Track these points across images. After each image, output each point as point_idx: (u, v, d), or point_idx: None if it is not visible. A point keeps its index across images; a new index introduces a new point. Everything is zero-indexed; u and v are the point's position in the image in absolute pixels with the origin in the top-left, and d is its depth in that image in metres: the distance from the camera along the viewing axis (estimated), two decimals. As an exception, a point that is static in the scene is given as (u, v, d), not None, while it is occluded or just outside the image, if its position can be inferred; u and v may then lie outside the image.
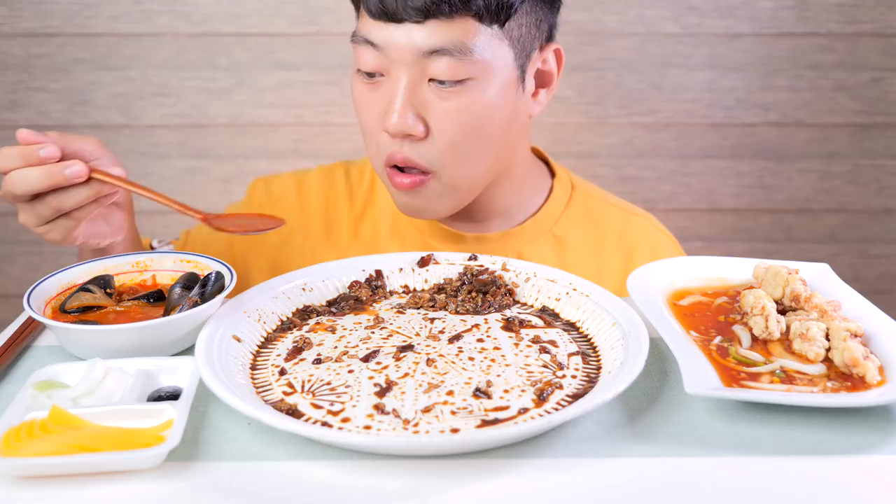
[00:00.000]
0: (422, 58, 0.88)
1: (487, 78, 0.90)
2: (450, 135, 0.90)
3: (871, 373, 0.66)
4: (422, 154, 0.91)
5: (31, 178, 0.79)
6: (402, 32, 0.87)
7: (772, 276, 0.79)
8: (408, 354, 0.72)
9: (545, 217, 1.06)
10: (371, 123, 0.93)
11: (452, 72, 0.88)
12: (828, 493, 0.58)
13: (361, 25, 0.91)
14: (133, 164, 1.83)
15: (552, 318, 0.80)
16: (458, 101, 0.89)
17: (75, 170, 0.80)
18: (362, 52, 0.90)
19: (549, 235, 1.06)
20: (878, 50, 1.79)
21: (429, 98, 0.90)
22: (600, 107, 1.82)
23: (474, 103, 0.90)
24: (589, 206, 1.09)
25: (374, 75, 0.91)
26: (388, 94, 0.90)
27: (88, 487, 0.57)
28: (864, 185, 1.88)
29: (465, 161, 0.93)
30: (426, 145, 0.91)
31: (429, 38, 0.87)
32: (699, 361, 0.68)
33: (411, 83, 0.89)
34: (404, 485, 0.58)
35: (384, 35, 0.88)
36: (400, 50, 0.88)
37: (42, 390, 0.65)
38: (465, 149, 0.92)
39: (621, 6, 1.76)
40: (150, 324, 0.71)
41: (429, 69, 0.88)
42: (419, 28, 0.87)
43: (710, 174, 1.87)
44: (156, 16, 1.75)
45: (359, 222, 1.09)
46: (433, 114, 0.90)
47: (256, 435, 0.63)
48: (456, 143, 0.91)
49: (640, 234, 1.08)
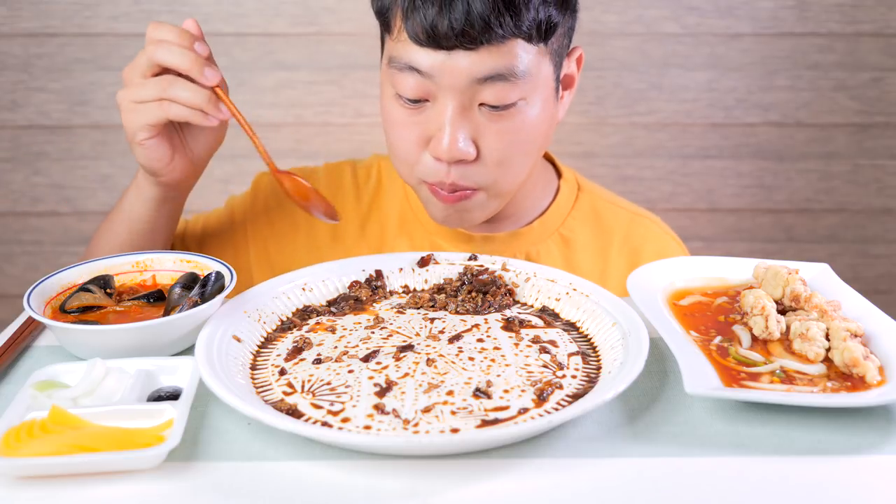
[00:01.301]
0: (474, 84, 0.85)
1: (534, 95, 0.89)
2: (499, 154, 0.89)
3: (871, 373, 0.66)
4: (470, 176, 0.90)
5: (175, 55, 0.83)
6: (453, 60, 0.84)
7: (772, 276, 0.79)
8: (408, 354, 0.72)
9: (552, 218, 1.06)
10: (408, 146, 0.91)
11: (505, 96, 0.86)
12: (828, 493, 0.58)
13: (403, 51, 0.87)
14: (133, 164, 1.81)
15: (552, 318, 0.80)
16: (510, 123, 0.88)
17: (212, 72, 0.84)
18: (404, 79, 0.87)
19: (556, 236, 1.06)
20: (878, 50, 1.79)
21: (479, 122, 0.88)
22: (600, 107, 1.82)
23: (524, 122, 0.89)
24: (595, 207, 1.09)
25: (418, 101, 0.88)
26: (433, 120, 0.88)
27: (88, 487, 0.57)
28: (864, 185, 1.88)
29: (513, 175, 0.93)
30: (475, 167, 0.90)
31: (482, 65, 0.84)
32: (699, 361, 0.68)
33: (461, 108, 0.87)
34: (404, 485, 0.58)
35: (432, 62, 0.85)
36: (452, 77, 0.85)
37: (42, 390, 0.65)
38: (513, 165, 0.91)
39: (621, 6, 1.76)
40: (150, 324, 0.71)
41: (480, 94, 0.86)
42: (470, 55, 0.84)
43: (710, 174, 1.87)
44: (156, 16, 1.75)
45: (366, 222, 1.08)
46: (483, 137, 0.88)
47: (256, 435, 0.63)
48: (505, 161, 0.90)
49: (645, 235, 1.08)
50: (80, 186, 1.84)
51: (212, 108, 0.84)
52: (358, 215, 1.08)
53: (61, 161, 1.83)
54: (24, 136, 1.81)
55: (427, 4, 0.82)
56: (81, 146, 1.82)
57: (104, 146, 1.82)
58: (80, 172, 1.83)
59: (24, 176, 1.83)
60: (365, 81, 1.77)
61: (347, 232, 1.08)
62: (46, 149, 1.82)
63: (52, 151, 1.82)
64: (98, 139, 1.81)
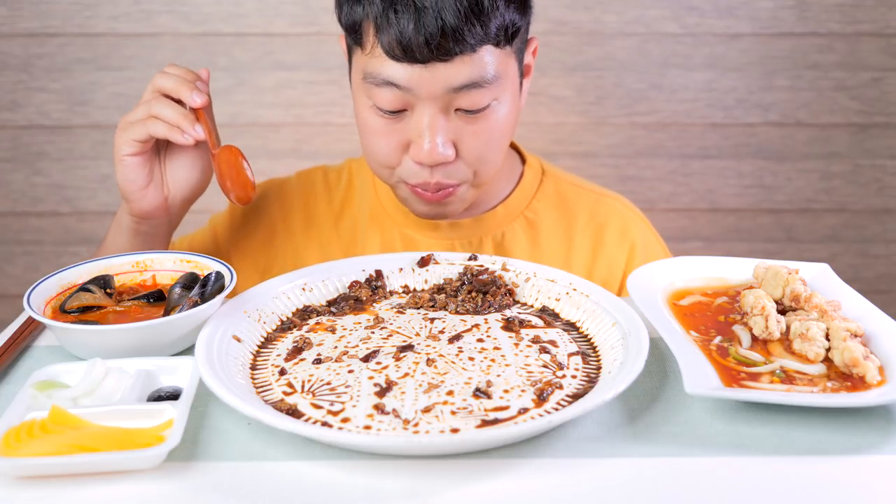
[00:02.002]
0: (450, 92, 0.89)
1: (504, 94, 0.93)
2: (476, 152, 0.94)
3: (871, 373, 0.66)
4: (451, 175, 0.94)
5: (170, 80, 0.91)
6: (429, 72, 0.87)
7: (772, 276, 0.79)
8: (408, 354, 0.72)
9: (516, 201, 1.09)
10: (388, 153, 0.94)
11: (479, 100, 0.90)
12: (828, 493, 0.58)
13: (379, 66, 0.89)
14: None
15: (552, 318, 0.80)
16: (485, 123, 0.92)
17: (198, 94, 0.91)
18: (381, 93, 0.90)
19: (521, 219, 1.08)
20: (878, 50, 1.79)
21: (456, 125, 0.92)
22: (600, 107, 1.82)
23: (497, 121, 0.93)
24: (560, 190, 1.12)
25: (396, 112, 0.91)
26: (412, 127, 0.91)
27: (88, 487, 0.57)
28: (864, 185, 1.88)
29: (490, 166, 0.97)
30: (455, 166, 0.94)
31: (457, 74, 0.88)
32: (699, 361, 0.68)
33: (439, 115, 0.90)
34: (404, 485, 0.58)
35: (408, 76, 0.88)
36: (429, 88, 0.88)
37: (42, 390, 0.65)
38: (490, 159, 0.96)
39: (621, 6, 1.76)
40: (150, 324, 0.71)
41: (455, 101, 0.90)
42: (445, 66, 0.87)
43: (710, 174, 1.87)
44: (156, 16, 1.75)
45: (339, 219, 1.12)
46: (461, 138, 0.92)
47: (256, 435, 0.63)
48: (482, 157, 0.94)
49: (609, 213, 1.11)
50: (80, 186, 1.84)
51: (187, 126, 0.89)
52: (331, 213, 1.12)
53: (61, 161, 1.83)
54: (24, 136, 1.81)
55: (400, 19, 0.85)
56: (81, 146, 1.82)
57: (104, 146, 1.82)
58: (80, 172, 1.83)
59: (24, 176, 1.83)
60: (365, 81, 1.76)
61: (322, 228, 1.11)
62: (46, 149, 1.82)
63: (52, 151, 1.82)
64: (98, 139, 1.81)
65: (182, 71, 0.93)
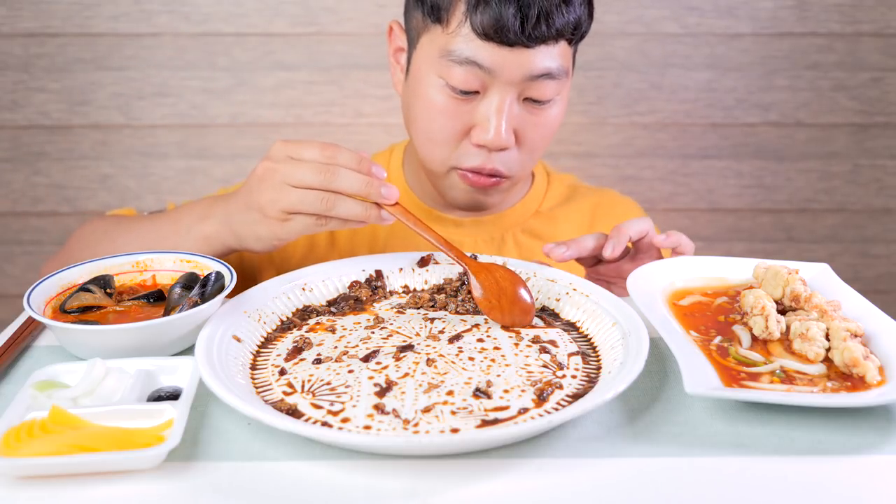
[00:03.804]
0: (526, 80, 0.91)
1: (564, 90, 0.96)
2: (532, 144, 0.96)
3: (871, 373, 0.66)
4: (506, 162, 0.96)
5: (351, 180, 0.78)
6: (514, 56, 0.89)
7: (772, 276, 0.79)
8: (408, 354, 0.72)
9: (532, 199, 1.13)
10: (450, 134, 0.95)
11: (549, 92, 0.93)
12: (828, 493, 0.58)
13: (463, 44, 0.90)
14: (133, 163, 1.83)
15: (552, 318, 0.80)
16: (545, 116, 0.95)
17: (391, 191, 0.79)
18: (460, 72, 0.91)
19: (538, 215, 1.13)
20: (878, 50, 1.79)
21: (521, 114, 0.94)
22: (600, 107, 1.82)
23: (555, 116, 0.96)
24: (565, 188, 1.16)
25: (469, 92, 0.92)
26: (479, 110, 0.93)
27: (88, 487, 0.57)
28: (864, 185, 1.88)
29: (533, 163, 1.00)
30: (510, 154, 0.96)
31: (538, 62, 0.90)
32: (699, 361, 0.68)
33: (510, 101, 0.92)
34: (404, 485, 0.58)
35: (493, 57, 0.89)
36: (510, 73, 0.90)
37: (42, 390, 0.65)
38: (537, 153, 0.99)
39: (621, 6, 1.76)
40: (150, 324, 0.71)
41: (528, 90, 0.92)
42: (529, 52, 0.89)
43: (710, 174, 1.87)
44: (156, 16, 1.75)
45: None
46: (523, 128, 0.95)
47: (256, 435, 0.63)
48: (535, 150, 0.97)
49: (601, 196, 1.17)
50: (80, 186, 1.84)
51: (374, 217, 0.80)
52: None
53: (61, 161, 1.83)
54: (24, 136, 1.81)
55: (499, 1, 0.87)
56: (81, 146, 1.82)
57: (104, 146, 1.82)
58: (80, 172, 1.83)
59: (24, 176, 1.83)
60: (365, 81, 1.77)
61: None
62: (46, 149, 1.82)
63: (52, 151, 1.82)
64: (98, 139, 1.81)
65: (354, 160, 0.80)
